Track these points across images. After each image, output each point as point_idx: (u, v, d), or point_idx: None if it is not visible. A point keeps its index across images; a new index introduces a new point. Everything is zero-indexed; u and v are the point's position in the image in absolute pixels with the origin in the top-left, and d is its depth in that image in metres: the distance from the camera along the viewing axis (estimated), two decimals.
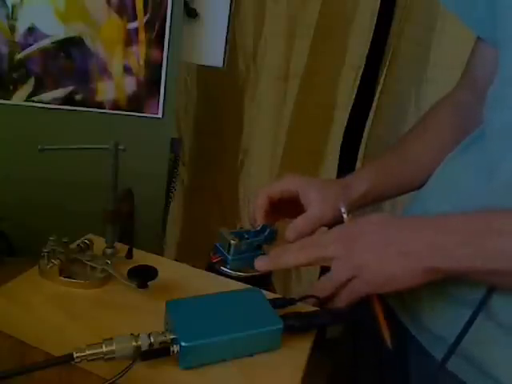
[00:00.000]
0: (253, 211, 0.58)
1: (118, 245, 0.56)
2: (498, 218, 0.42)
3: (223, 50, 0.86)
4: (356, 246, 0.45)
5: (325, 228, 0.56)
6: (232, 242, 0.55)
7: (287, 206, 0.59)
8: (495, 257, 0.40)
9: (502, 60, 0.49)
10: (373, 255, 0.44)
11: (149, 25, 0.78)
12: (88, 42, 0.77)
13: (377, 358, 0.58)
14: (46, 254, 0.50)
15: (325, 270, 0.48)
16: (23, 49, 0.75)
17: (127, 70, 0.80)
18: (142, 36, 0.78)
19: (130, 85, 0.80)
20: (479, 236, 0.41)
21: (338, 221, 0.55)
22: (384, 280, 0.44)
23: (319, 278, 0.49)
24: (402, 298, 0.55)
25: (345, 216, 0.54)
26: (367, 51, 1.16)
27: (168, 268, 0.54)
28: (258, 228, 0.57)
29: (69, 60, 0.77)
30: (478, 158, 0.51)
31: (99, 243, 0.55)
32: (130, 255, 0.55)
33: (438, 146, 0.60)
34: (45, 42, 0.76)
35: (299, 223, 0.56)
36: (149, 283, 0.48)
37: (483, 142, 0.50)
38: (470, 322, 0.43)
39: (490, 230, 0.41)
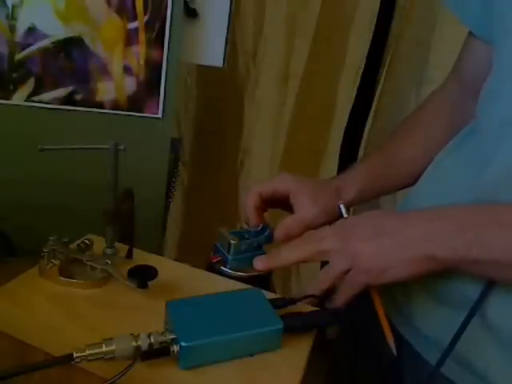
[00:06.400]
0: (245, 209, 0.58)
1: (118, 245, 0.56)
2: (499, 209, 0.42)
3: (223, 50, 0.86)
4: (352, 236, 0.46)
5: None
6: (232, 241, 0.55)
7: (279, 202, 0.59)
8: (493, 247, 0.40)
9: (497, 56, 0.48)
10: (368, 244, 0.44)
11: (149, 25, 0.77)
12: (88, 41, 0.77)
13: (376, 359, 0.58)
14: (45, 253, 0.50)
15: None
16: (23, 49, 0.75)
17: (127, 69, 0.80)
18: (142, 36, 0.78)
19: (130, 85, 0.80)
20: (477, 225, 0.41)
21: (332, 222, 0.55)
22: (380, 268, 0.44)
23: None
24: (394, 301, 0.55)
25: (344, 214, 0.54)
26: (367, 51, 1.16)
27: (168, 268, 0.54)
28: (258, 228, 0.57)
29: (69, 60, 0.77)
30: (469, 153, 0.51)
31: (99, 243, 0.55)
32: (130, 255, 0.55)
33: (427, 142, 0.60)
34: (45, 42, 0.76)
35: (288, 222, 0.55)
36: (149, 283, 0.48)
37: (475, 138, 0.51)
38: (463, 326, 0.43)
39: (490, 221, 0.41)
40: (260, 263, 0.50)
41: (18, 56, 0.76)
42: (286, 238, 0.54)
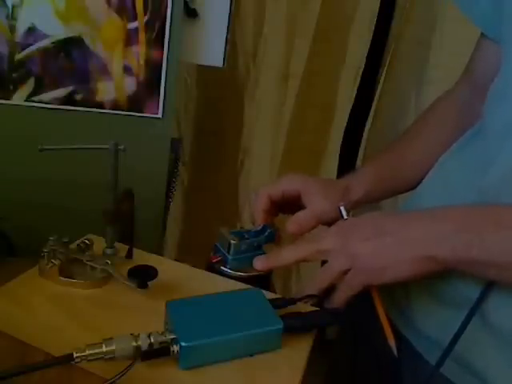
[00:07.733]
0: (253, 211, 0.58)
1: (118, 245, 0.56)
2: (500, 211, 0.42)
3: (223, 49, 0.86)
4: (352, 236, 0.46)
5: (324, 227, 0.56)
6: (232, 241, 0.55)
7: (287, 204, 0.59)
8: (493, 249, 0.40)
9: (505, 57, 0.48)
10: (367, 244, 0.44)
11: (149, 25, 0.77)
12: (88, 41, 0.77)
13: (376, 359, 0.58)
14: (45, 253, 0.50)
15: None
16: (23, 49, 0.75)
17: (127, 69, 0.80)
18: (142, 36, 0.78)
19: (129, 85, 0.80)
20: (478, 226, 0.41)
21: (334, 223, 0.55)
22: (380, 268, 0.43)
23: None
24: (395, 303, 0.55)
25: (345, 216, 0.54)
26: (367, 51, 1.16)
27: (168, 268, 0.54)
28: (258, 228, 0.57)
29: (69, 60, 0.77)
30: (473, 154, 0.51)
31: (99, 243, 0.55)
32: (130, 255, 0.55)
33: (437, 143, 0.60)
34: (45, 42, 0.76)
35: (300, 216, 0.56)
36: (149, 283, 0.48)
37: (480, 140, 0.50)
38: (463, 326, 0.43)
39: (491, 222, 0.41)
40: (260, 263, 0.50)
41: (18, 56, 0.76)
42: (298, 232, 0.55)
